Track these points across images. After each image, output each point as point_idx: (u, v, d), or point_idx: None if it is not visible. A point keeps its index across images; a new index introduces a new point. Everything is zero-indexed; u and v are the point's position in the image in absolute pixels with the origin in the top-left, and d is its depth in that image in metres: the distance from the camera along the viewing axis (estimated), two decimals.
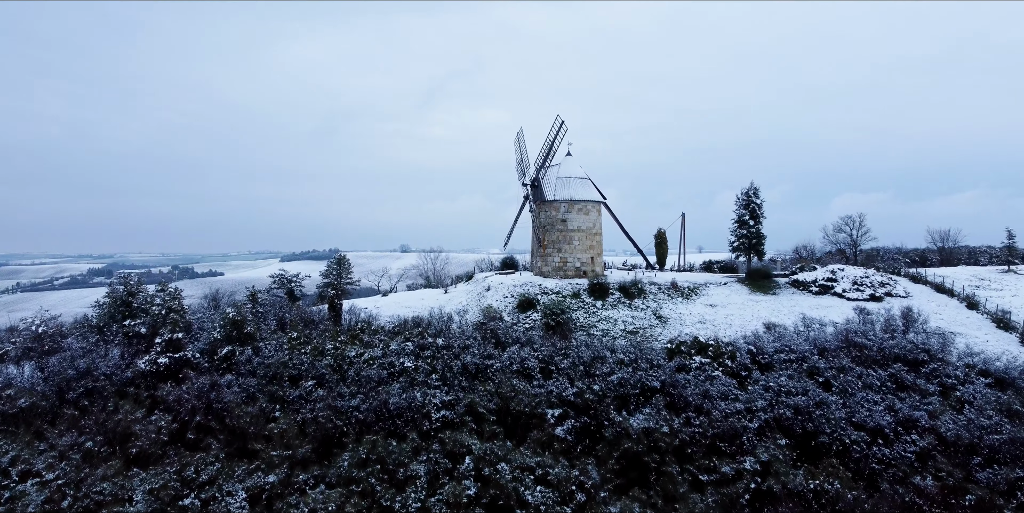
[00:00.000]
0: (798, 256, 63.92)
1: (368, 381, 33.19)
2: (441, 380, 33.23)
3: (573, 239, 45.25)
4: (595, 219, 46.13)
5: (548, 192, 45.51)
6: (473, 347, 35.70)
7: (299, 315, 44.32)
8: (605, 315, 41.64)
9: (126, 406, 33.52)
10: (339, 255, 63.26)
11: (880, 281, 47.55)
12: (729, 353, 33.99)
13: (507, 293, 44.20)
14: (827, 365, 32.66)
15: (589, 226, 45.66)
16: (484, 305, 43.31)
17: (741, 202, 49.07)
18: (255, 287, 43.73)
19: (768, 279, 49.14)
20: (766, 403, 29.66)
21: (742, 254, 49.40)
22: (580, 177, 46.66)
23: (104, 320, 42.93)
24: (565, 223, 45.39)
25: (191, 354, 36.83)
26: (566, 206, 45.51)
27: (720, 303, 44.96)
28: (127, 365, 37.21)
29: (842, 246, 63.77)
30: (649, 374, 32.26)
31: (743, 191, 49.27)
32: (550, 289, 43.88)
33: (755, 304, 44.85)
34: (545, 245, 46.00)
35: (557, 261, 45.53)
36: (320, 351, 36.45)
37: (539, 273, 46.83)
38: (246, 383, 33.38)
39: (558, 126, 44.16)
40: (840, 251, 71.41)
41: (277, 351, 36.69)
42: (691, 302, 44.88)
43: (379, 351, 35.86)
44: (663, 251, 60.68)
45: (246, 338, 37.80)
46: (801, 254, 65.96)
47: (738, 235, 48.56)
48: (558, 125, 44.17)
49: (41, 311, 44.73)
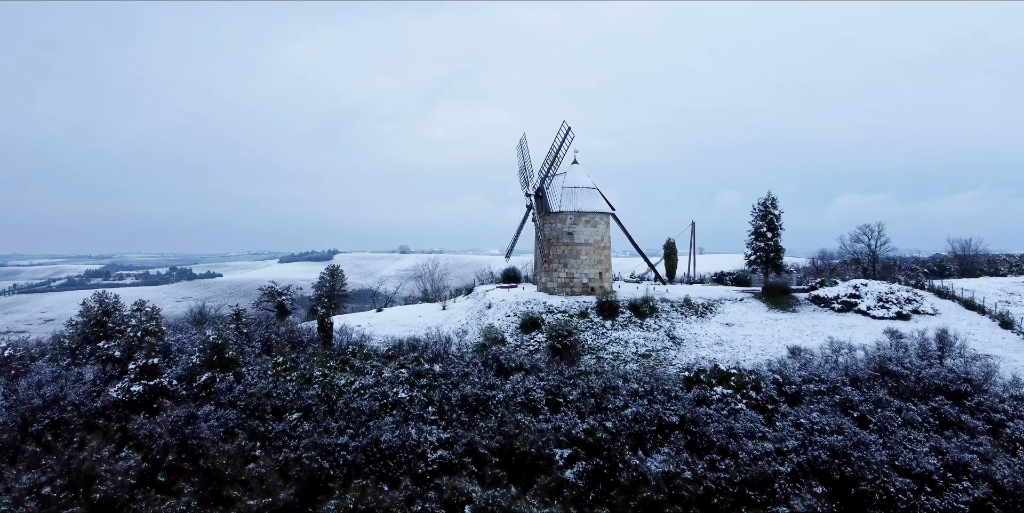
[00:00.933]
0: (814, 267, 61.03)
1: (358, 414, 30.33)
2: (438, 413, 30.37)
3: (580, 253, 42.38)
4: (603, 232, 43.26)
5: (553, 203, 42.67)
6: (473, 375, 32.85)
7: (287, 334, 41.47)
8: (615, 336, 38.79)
9: (93, 442, 30.69)
10: (332, 265, 60.46)
11: (906, 297, 44.70)
12: (753, 383, 31.12)
13: (509, 311, 41.34)
14: (861, 397, 29.80)
15: (597, 239, 42.80)
16: (485, 325, 40.45)
17: (758, 213, 46.20)
18: (239, 306, 40.85)
19: (787, 295, 46.31)
20: (798, 443, 26.80)
21: (759, 268, 46.52)
22: (587, 187, 43.78)
23: (77, 341, 40.08)
24: (571, 236, 42.54)
25: (168, 381, 33.99)
26: (572, 218, 42.65)
27: (737, 322, 42.10)
28: (98, 393, 34.41)
29: (859, 256, 60.91)
30: (666, 408, 29.41)
31: (760, 201, 46.42)
32: (556, 307, 41.01)
33: (774, 323, 42.00)
34: (550, 259, 43.13)
35: (563, 277, 42.66)
36: (307, 379, 33.60)
37: (543, 289, 43.95)
38: (225, 415, 30.50)
39: (564, 133, 41.30)
40: (856, 261, 68.60)
41: (260, 378, 33.87)
42: (706, 321, 42.03)
43: (371, 379, 33.00)
44: (672, 262, 57.84)
45: (227, 363, 34.95)
46: (817, 264, 63.04)
47: (755, 248, 45.69)
48: (564, 132, 41.30)
49: (9, 334, 41.79)
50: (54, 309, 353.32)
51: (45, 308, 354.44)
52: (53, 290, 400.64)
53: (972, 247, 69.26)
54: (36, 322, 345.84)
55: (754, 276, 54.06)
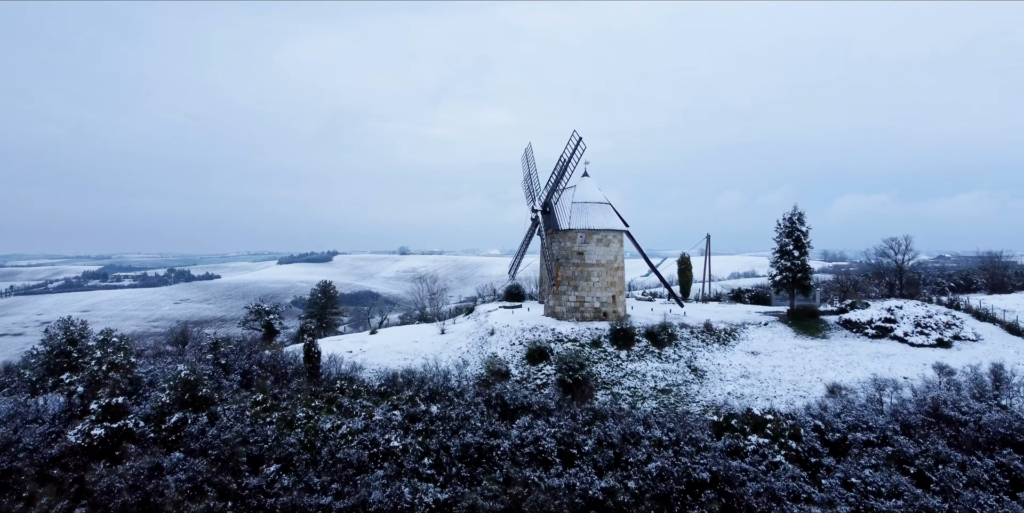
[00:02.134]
0: (837, 282, 57.25)
1: (345, 466, 26.78)
2: (435, 466, 26.79)
3: (592, 275, 38.75)
4: (616, 251, 39.65)
5: (562, 220, 39.04)
6: (475, 418, 29.24)
7: (271, 364, 37.87)
8: (631, 369, 35.17)
9: (45, 498, 27.18)
10: (325, 281, 56.88)
11: (945, 321, 41.07)
12: (791, 430, 27.50)
13: (514, 339, 37.73)
14: (917, 449, 26.16)
15: (610, 259, 39.17)
16: (487, 354, 36.86)
17: (783, 229, 42.56)
18: (217, 333, 37.22)
19: (815, 318, 42.71)
20: (851, 509, 23.20)
21: (784, 289, 42.89)
22: (599, 202, 40.14)
23: (39, 373, 36.52)
24: (582, 256, 38.90)
25: (134, 422, 30.44)
26: (583, 236, 39.02)
27: (763, 350, 38.49)
28: (57, 435, 30.89)
29: (885, 271, 57.26)
30: (695, 461, 25.82)
31: (785, 216, 42.80)
32: (565, 335, 37.41)
33: (804, 351, 38.37)
34: (559, 281, 39.50)
35: (573, 300, 39.04)
36: (289, 421, 30.01)
37: (551, 313, 40.32)
38: (194, 467, 26.89)
39: (575, 144, 37.69)
40: (878, 274, 64.97)
41: (237, 420, 30.29)
42: (729, 349, 38.42)
43: (360, 422, 29.40)
44: (687, 278, 54.26)
45: (201, 402, 31.36)
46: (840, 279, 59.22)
47: (780, 268, 42.05)
48: (574, 142, 37.69)
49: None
50: (51, 311, 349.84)
51: (42, 310, 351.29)
52: (50, 292, 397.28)
53: (1001, 258, 65.59)
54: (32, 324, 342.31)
55: (775, 295, 50.46)
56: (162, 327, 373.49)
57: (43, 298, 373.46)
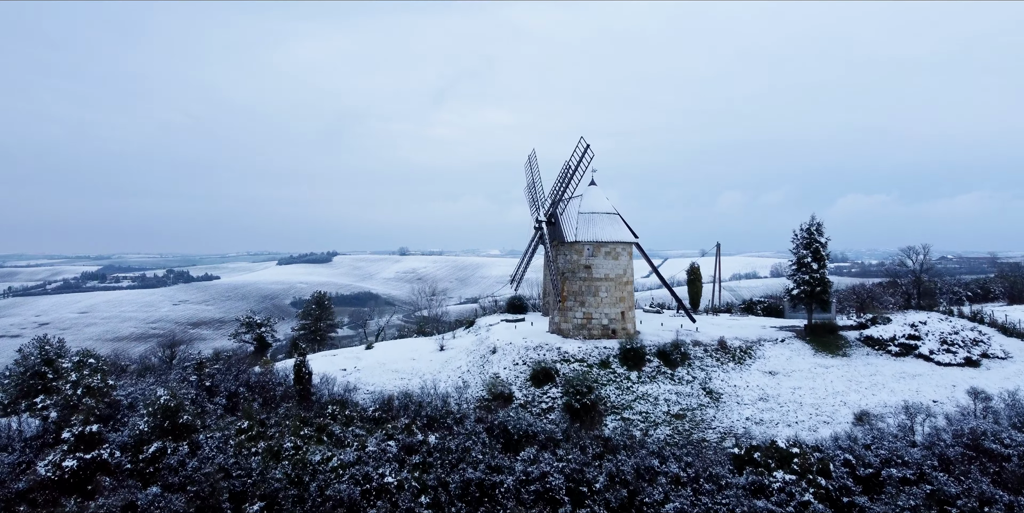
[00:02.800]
0: (852, 292, 54.99)
1: (335, 504, 24.66)
2: (433, 505, 24.65)
3: (600, 290, 36.57)
4: (626, 264, 37.43)
5: (568, 231, 36.87)
6: (476, 449, 27.08)
7: (260, 385, 35.70)
8: (642, 391, 33.00)
9: None
10: (319, 293, 54.70)
11: (972, 338, 38.89)
12: (819, 464, 25.34)
13: (517, 358, 35.56)
14: (958, 488, 23.98)
15: (619, 273, 36.96)
16: (489, 374, 34.70)
17: (800, 241, 40.37)
18: (202, 353, 35.03)
19: (834, 334, 40.54)
20: None
21: (801, 304, 40.69)
22: (607, 212, 37.94)
23: (11, 395, 34.37)
24: (589, 270, 36.70)
25: (109, 452, 28.30)
26: (591, 249, 36.83)
27: (781, 370, 36.31)
28: (27, 466, 28.76)
29: (899, 277, 55.06)
30: (717, 501, 23.67)
31: (802, 227, 40.60)
32: (572, 355, 35.24)
33: (825, 371, 36.20)
34: (565, 297, 37.31)
35: (580, 317, 36.84)
36: (275, 452, 27.86)
37: (557, 331, 38.13)
38: (172, 504, 24.79)
39: (581, 151, 35.49)
40: (893, 283, 62.81)
41: (220, 450, 28.16)
42: (745, 368, 36.25)
43: (352, 454, 27.25)
44: (697, 289, 52.08)
45: (182, 430, 29.22)
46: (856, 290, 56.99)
47: (798, 282, 39.85)
48: (581, 150, 35.50)
49: None
50: (49, 312, 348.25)
51: (40, 311, 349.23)
52: (48, 293, 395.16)
53: (1000, 258, 63.20)
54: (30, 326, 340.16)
55: (790, 307, 48.32)
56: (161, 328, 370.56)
57: (41, 299, 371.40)
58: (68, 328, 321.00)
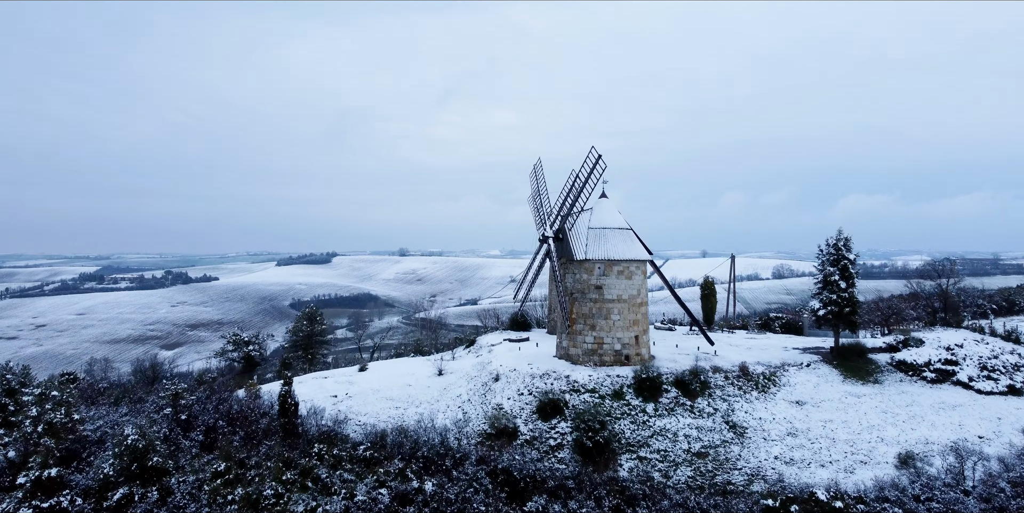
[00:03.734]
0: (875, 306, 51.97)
1: None
2: None
3: (612, 312, 33.65)
4: (640, 284, 34.51)
5: (577, 248, 33.94)
6: (477, 500, 24.19)
7: (241, 416, 32.79)
8: (660, 426, 30.10)
9: None
10: (310, 309, 51.78)
11: (1013, 363, 36.02)
12: None
13: (522, 387, 32.67)
14: None
15: (633, 294, 34.04)
16: (492, 404, 31.83)
17: (827, 257, 37.46)
18: (180, 385, 32.08)
19: (863, 357, 37.63)
20: None
21: (827, 325, 37.78)
22: (619, 227, 35.00)
23: None
24: (601, 291, 33.79)
25: (70, 499, 25.48)
26: (602, 268, 33.91)
27: (809, 399, 33.41)
28: None
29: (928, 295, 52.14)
30: None
31: (829, 242, 37.70)
32: (582, 384, 32.33)
33: (857, 401, 33.30)
34: (574, 319, 34.40)
35: (590, 342, 33.93)
36: (254, 501, 24.95)
37: (565, 356, 35.20)
38: None
39: (592, 162, 32.56)
40: (914, 295, 59.91)
41: (193, 497, 25.32)
42: (770, 398, 33.35)
43: (339, 503, 24.36)
44: (711, 304, 49.19)
45: (151, 474, 26.34)
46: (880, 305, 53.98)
47: (824, 301, 36.94)
48: (592, 161, 32.57)
49: None
50: (46, 314, 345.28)
51: (37, 313, 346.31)
52: (46, 294, 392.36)
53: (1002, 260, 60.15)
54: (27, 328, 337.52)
55: (810, 325, 45.45)
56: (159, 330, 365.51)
57: (38, 300, 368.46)
58: (65, 330, 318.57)
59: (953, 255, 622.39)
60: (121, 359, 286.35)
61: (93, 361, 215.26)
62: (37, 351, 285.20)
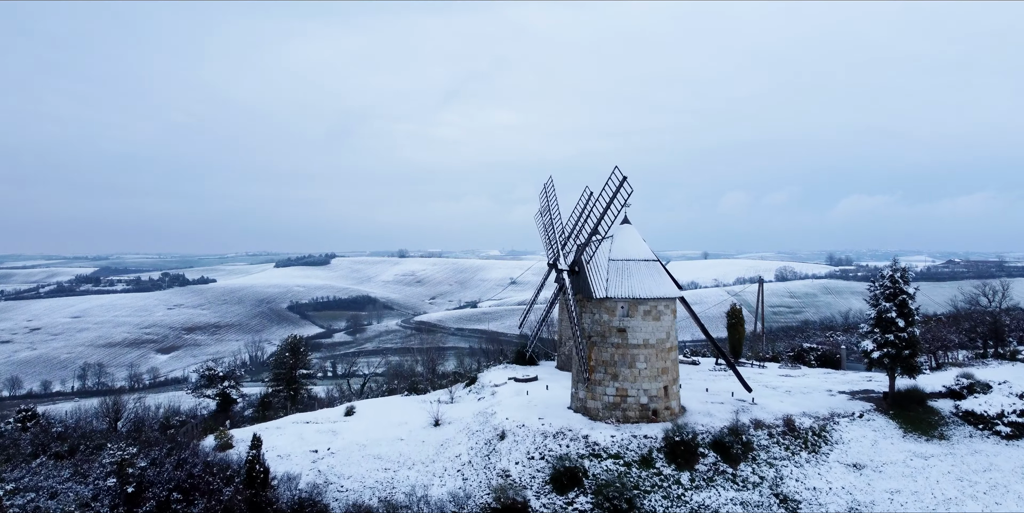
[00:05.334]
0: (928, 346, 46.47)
1: None
2: None
3: (637, 359, 28.80)
4: (669, 326, 29.65)
5: (596, 285, 29.07)
6: None
7: (203, 481, 27.88)
8: (698, 502, 25.24)
9: None
10: (295, 337, 46.89)
11: None
12: None
13: (532, 449, 27.80)
14: None
15: (661, 338, 29.18)
16: (497, 469, 26.97)
17: (882, 291, 32.58)
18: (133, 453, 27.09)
19: (922, 405, 32.76)
20: None
21: (881, 369, 32.89)
22: (645, 259, 30.10)
23: None
24: (624, 334, 28.93)
25: None
26: (625, 308, 29.03)
27: (868, 462, 28.53)
28: None
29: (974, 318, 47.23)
30: None
31: (883, 274, 32.82)
32: (603, 447, 27.47)
33: (925, 465, 28.42)
34: (592, 367, 29.51)
35: (612, 394, 29.06)
36: None
37: (582, 409, 30.32)
38: None
39: (615, 185, 27.66)
40: (955, 317, 55.06)
41: None
42: (822, 460, 28.47)
43: None
44: (738, 335, 44.37)
45: None
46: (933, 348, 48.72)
47: (878, 342, 32.04)
48: (615, 184, 27.67)
49: None
50: (41, 317, 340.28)
51: (32, 316, 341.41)
52: (41, 296, 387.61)
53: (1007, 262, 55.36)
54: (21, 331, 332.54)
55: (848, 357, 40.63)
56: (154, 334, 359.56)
57: (34, 303, 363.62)
58: (60, 334, 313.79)
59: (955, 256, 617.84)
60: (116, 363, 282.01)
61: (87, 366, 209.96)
62: (31, 355, 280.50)
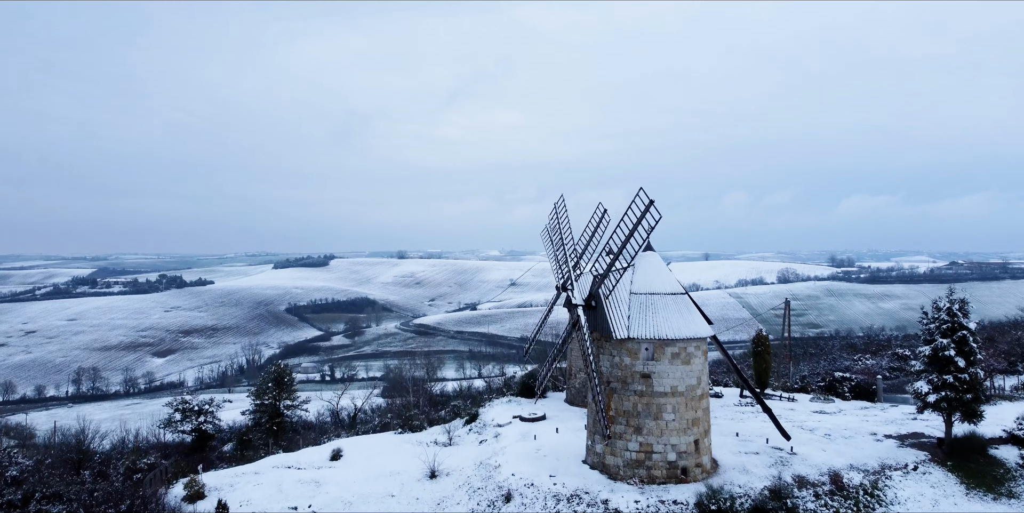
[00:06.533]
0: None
1: None
2: None
3: (664, 410, 24.93)
4: (700, 370, 25.76)
5: (616, 323, 25.19)
6: None
7: None
8: None
9: None
10: (280, 367, 43.00)
11: None
12: None
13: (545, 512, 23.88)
14: None
15: (691, 384, 25.31)
16: None
17: (936, 324, 28.70)
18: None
19: (983, 455, 28.88)
20: None
21: (938, 412, 29.00)
22: (672, 292, 26.19)
23: None
24: (648, 380, 25.06)
25: None
26: (650, 350, 25.16)
27: None
28: None
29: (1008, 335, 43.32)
30: None
31: (938, 305, 28.95)
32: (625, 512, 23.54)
33: None
34: (612, 417, 25.62)
35: (635, 450, 25.18)
36: None
37: (599, 465, 26.40)
38: None
39: (641, 210, 23.75)
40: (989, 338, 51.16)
41: None
42: None
43: None
44: (764, 363, 40.49)
45: None
46: None
47: (935, 384, 28.15)
48: (641, 209, 23.77)
49: None
50: (36, 320, 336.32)
51: (27, 319, 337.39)
52: (37, 299, 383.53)
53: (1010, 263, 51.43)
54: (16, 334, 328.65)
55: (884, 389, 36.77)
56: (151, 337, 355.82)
57: (29, 305, 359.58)
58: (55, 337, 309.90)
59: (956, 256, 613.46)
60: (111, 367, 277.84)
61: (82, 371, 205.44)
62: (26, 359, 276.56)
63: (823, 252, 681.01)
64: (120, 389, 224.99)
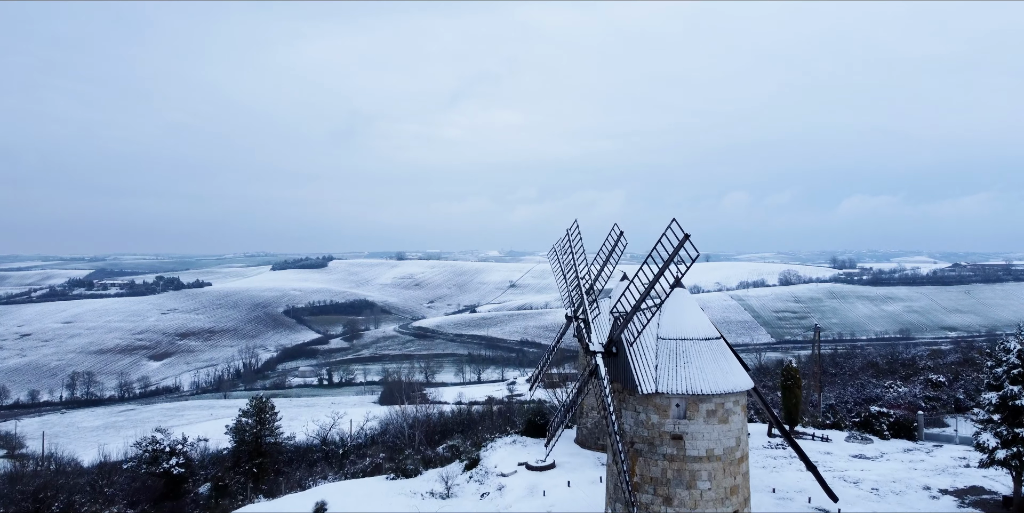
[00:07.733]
0: None
1: None
2: None
3: (698, 477, 21.30)
4: (739, 428, 22.12)
5: (642, 376, 21.53)
6: None
7: None
8: None
9: None
10: (260, 400, 39.28)
11: None
12: None
13: None
14: None
15: (730, 446, 21.67)
16: None
17: (1006, 370, 25.06)
18: None
19: None
20: None
21: (1007, 469, 25.34)
22: (706, 337, 22.51)
23: None
24: (680, 443, 21.43)
25: None
26: (682, 406, 21.50)
27: None
28: None
29: None
30: None
31: (1006, 346, 25.31)
32: None
33: None
34: (636, 484, 21.95)
35: None
36: None
37: None
38: None
39: (674, 246, 20.08)
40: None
41: None
42: None
43: None
44: (795, 398, 36.81)
45: None
46: None
47: (1004, 438, 24.52)
48: (673, 244, 20.08)
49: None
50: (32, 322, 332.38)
51: (22, 321, 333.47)
52: (33, 301, 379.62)
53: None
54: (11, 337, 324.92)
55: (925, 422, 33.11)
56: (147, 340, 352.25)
57: (25, 308, 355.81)
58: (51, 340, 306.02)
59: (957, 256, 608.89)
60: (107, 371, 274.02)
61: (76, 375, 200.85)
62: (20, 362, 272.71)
63: (824, 252, 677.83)
64: (115, 394, 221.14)
